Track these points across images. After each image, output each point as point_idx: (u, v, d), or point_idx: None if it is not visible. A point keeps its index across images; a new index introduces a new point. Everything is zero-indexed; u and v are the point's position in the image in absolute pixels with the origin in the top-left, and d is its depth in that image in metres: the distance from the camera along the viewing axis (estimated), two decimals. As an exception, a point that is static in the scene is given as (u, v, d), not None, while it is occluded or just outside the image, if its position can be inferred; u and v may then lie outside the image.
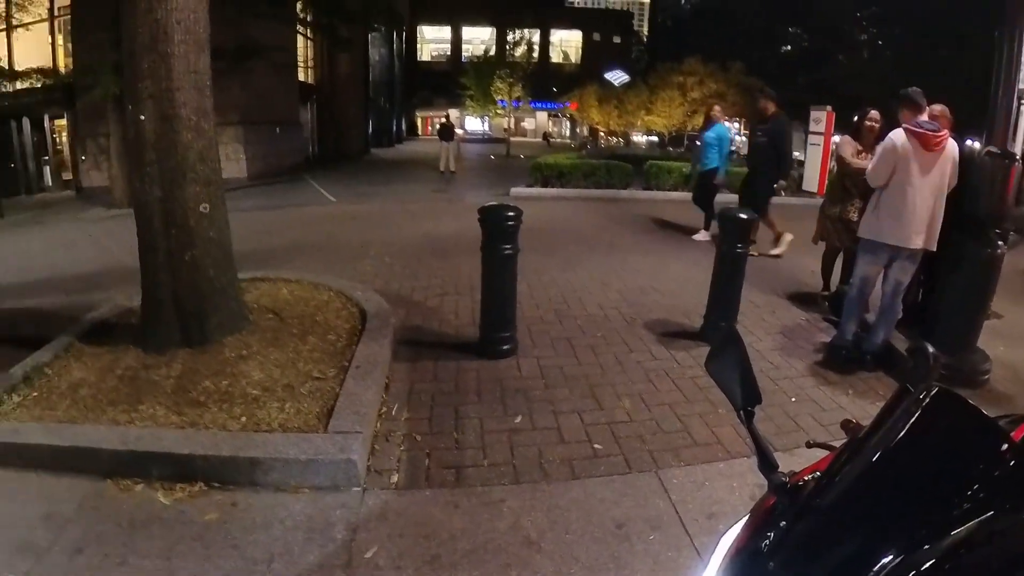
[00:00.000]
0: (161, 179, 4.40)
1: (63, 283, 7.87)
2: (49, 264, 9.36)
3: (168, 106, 4.31)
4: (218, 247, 4.68)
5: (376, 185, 18.31)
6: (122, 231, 9.83)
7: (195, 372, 4.18)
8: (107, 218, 13.65)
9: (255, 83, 18.94)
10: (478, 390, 4.12)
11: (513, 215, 4.38)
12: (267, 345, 4.52)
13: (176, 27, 4.24)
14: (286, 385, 3.93)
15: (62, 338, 4.99)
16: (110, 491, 3.21)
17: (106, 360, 4.52)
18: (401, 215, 11.30)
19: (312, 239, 9.38)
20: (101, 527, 2.95)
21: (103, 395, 3.98)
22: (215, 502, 3.07)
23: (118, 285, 6.85)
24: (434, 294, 6.13)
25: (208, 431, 3.45)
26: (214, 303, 4.63)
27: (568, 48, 61.16)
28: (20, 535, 2.94)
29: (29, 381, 4.31)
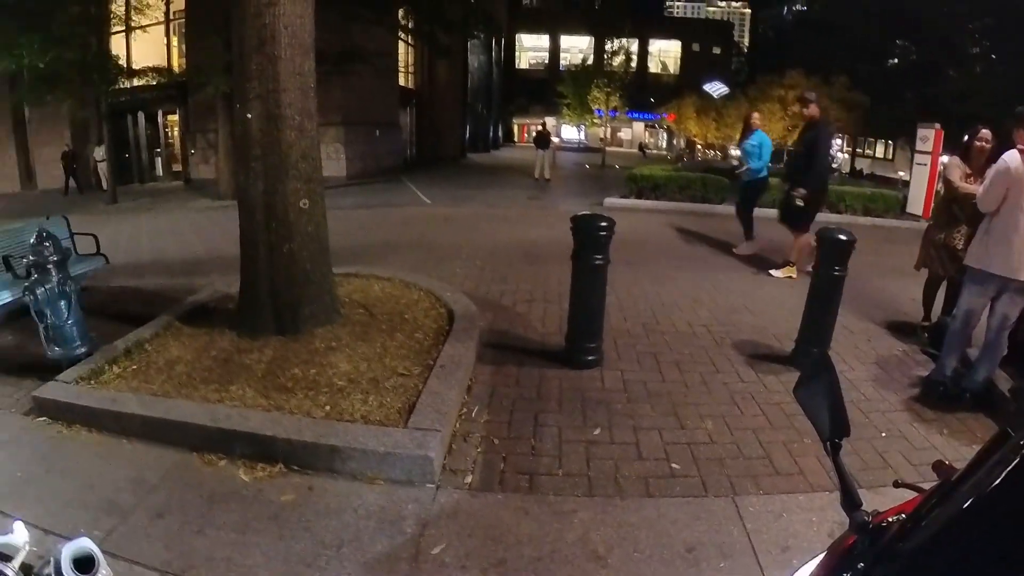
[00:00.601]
0: (265, 174, 4.70)
1: (168, 266, 8.51)
2: (156, 248, 10.13)
3: (274, 106, 4.60)
4: (315, 241, 4.93)
5: (471, 189, 18.69)
6: (225, 221, 10.51)
7: (285, 359, 4.41)
8: (212, 208, 14.58)
9: (357, 86, 19.77)
10: (559, 399, 4.14)
11: (605, 225, 4.39)
12: (356, 339, 4.71)
13: (283, 31, 4.52)
14: (371, 378, 4.08)
15: (163, 317, 5.41)
16: (195, 464, 3.45)
17: (202, 341, 4.87)
18: (494, 220, 11.49)
19: (406, 239, 9.69)
20: (183, 496, 3.17)
21: (197, 373, 4.28)
22: (293, 484, 3.22)
23: (218, 271, 7.35)
24: (522, 300, 6.20)
25: (293, 416, 3.62)
26: (308, 295, 4.89)
27: (666, 58, 60.50)
28: (108, 496, 3.21)
29: (130, 355, 4.71)
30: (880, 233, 11.02)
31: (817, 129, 7.36)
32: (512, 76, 56.50)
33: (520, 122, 60.66)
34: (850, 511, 1.28)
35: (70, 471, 3.51)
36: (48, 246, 4.80)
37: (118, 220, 13.73)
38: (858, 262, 4.99)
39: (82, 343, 4.92)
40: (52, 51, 15.49)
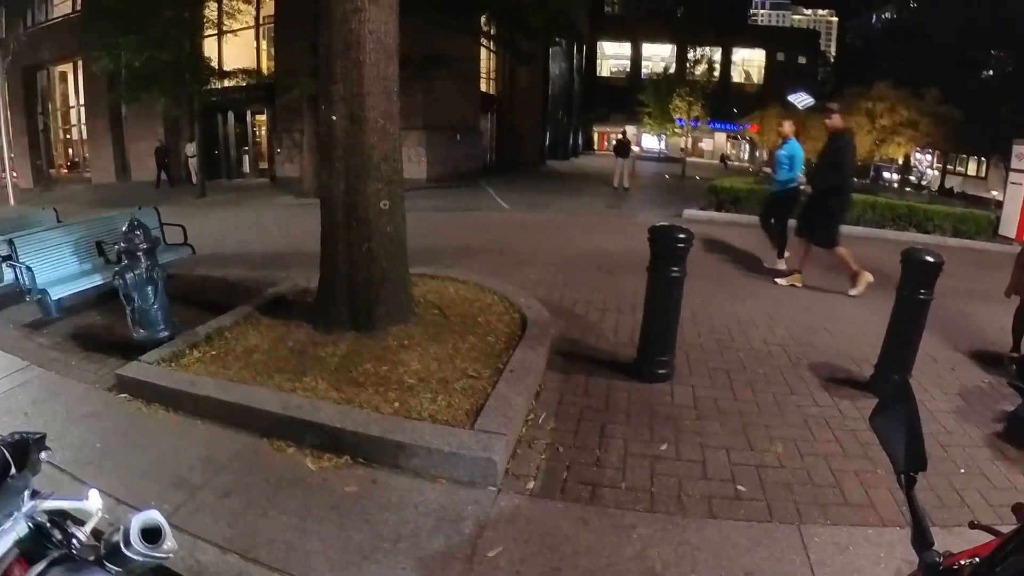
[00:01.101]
0: (347, 175, 4.91)
1: (250, 259, 8.93)
2: (240, 241, 10.64)
3: (358, 108, 4.80)
4: (393, 241, 5.11)
5: (549, 196, 18.77)
6: (307, 218, 10.91)
7: (358, 354, 4.58)
8: (295, 206, 15.15)
9: (439, 91, 20.23)
10: (628, 411, 4.13)
11: (683, 237, 4.36)
12: (428, 338, 4.83)
13: (368, 37, 4.71)
14: (441, 379, 4.18)
15: (244, 307, 5.74)
16: (264, 449, 3.63)
17: (280, 332, 5.12)
18: (571, 227, 11.52)
19: (483, 243, 9.84)
20: (250, 479, 3.34)
21: (272, 363, 4.51)
22: (357, 476, 3.34)
23: (299, 266, 7.66)
24: (595, 309, 6.20)
25: (362, 410, 3.75)
26: (384, 293, 5.06)
27: (750, 67, 59.53)
28: (180, 472, 3.43)
29: (210, 341, 5.01)
30: (970, 256, 10.48)
31: (841, 140, 7.26)
32: (593, 84, 56.49)
33: (600, 130, 60.65)
34: (921, 550, 1.26)
35: (145, 446, 3.77)
36: (139, 234, 5.16)
37: (206, 213, 14.48)
38: (945, 286, 4.78)
39: (165, 327, 5.26)
40: (148, 52, 16.73)
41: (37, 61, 29.47)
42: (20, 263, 6.82)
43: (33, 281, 6.76)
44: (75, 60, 28.12)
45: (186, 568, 2.71)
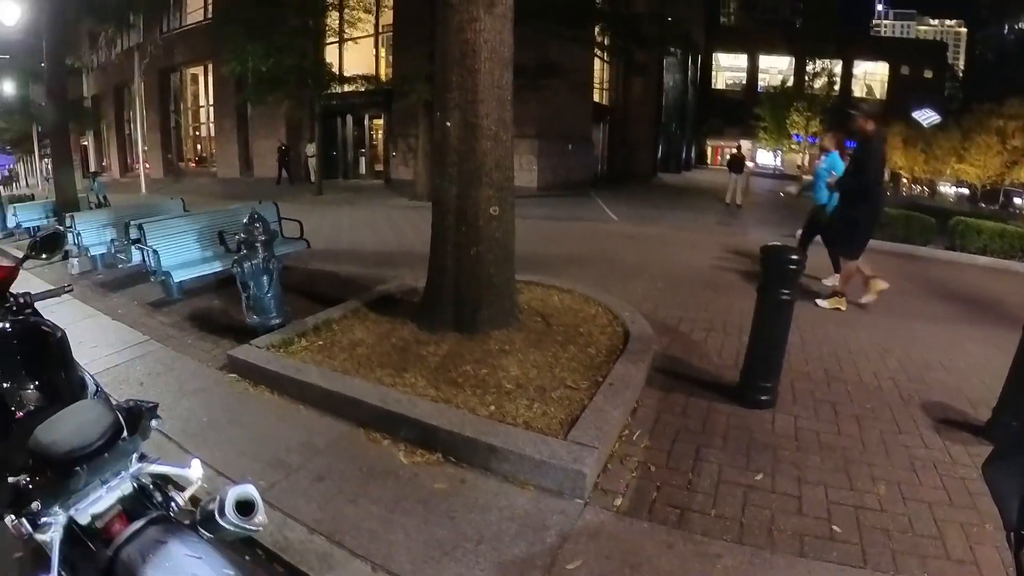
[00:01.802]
0: (459, 180, 5.10)
1: (362, 256, 9.36)
2: (353, 239, 11.15)
3: (472, 115, 4.98)
4: (501, 247, 5.25)
5: (659, 209, 18.55)
6: (419, 220, 11.29)
7: (459, 356, 4.74)
8: (407, 208, 15.67)
9: (552, 100, 20.47)
10: (725, 436, 4.05)
11: (796, 259, 4.25)
12: (529, 345, 4.92)
13: (483, 46, 4.88)
14: (538, 386, 4.24)
15: (352, 302, 6.07)
16: (360, 439, 3.82)
17: (385, 328, 5.39)
18: (680, 242, 11.36)
19: (590, 253, 9.88)
20: (344, 466, 3.52)
21: (376, 357, 4.74)
22: (447, 474, 3.44)
23: (407, 266, 7.98)
24: (700, 328, 6.10)
25: (458, 410, 3.87)
26: (489, 297, 5.21)
27: (872, 81, 56.59)
28: (278, 453, 3.67)
29: (318, 331, 5.33)
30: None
31: (867, 145, 6.80)
32: (707, 96, 55.23)
33: (714, 144, 59.28)
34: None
35: (248, 424, 4.05)
36: (258, 227, 5.58)
37: (322, 210, 15.26)
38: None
39: (277, 315, 5.66)
40: (274, 58, 18.23)
41: (171, 64, 32.69)
42: (148, 246, 7.47)
43: (158, 264, 7.38)
44: (206, 63, 30.93)
45: (273, 543, 2.89)
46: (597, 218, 15.80)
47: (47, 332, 2.37)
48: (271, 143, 26.83)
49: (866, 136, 6.82)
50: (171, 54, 31.84)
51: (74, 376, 2.35)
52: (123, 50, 33.60)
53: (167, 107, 34.73)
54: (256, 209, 6.10)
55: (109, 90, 37.76)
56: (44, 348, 2.30)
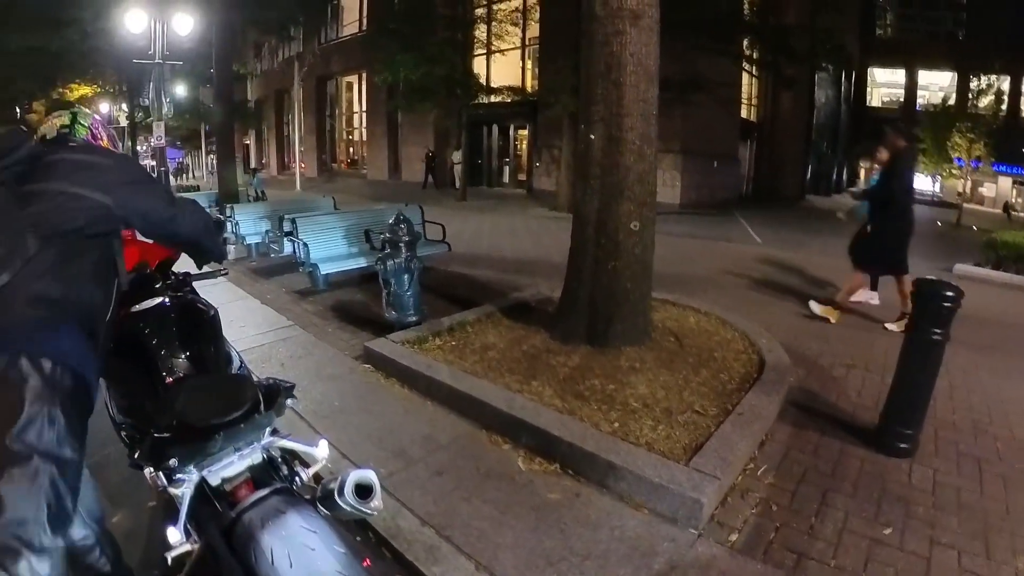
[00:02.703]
0: (601, 193, 5.14)
1: (500, 263, 9.59)
2: (493, 245, 11.42)
3: (615, 129, 5.00)
4: (639, 263, 5.23)
5: (808, 233, 17.55)
6: (558, 231, 11.43)
7: (588, 369, 4.77)
8: (548, 218, 15.84)
9: (698, 115, 20.16)
10: (856, 482, 3.81)
11: (951, 296, 3.94)
12: (660, 365, 4.87)
13: (629, 59, 4.89)
14: (665, 408, 4.19)
15: (487, 306, 6.27)
16: (482, 440, 3.94)
17: (517, 334, 5.52)
18: (826, 270, 10.71)
19: (730, 276, 9.61)
20: (463, 464, 3.64)
21: (505, 363, 4.86)
22: (562, 486, 3.47)
23: (543, 275, 8.10)
24: (841, 363, 5.76)
25: (581, 423, 3.89)
26: (623, 312, 5.20)
27: None
28: (402, 444, 3.86)
29: (452, 332, 5.55)
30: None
31: (896, 162, 6.72)
32: (862, 114, 51.13)
33: (867, 165, 55.31)
34: None
35: (377, 414, 4.28)
36: (403, 228, 5.89)
37: (464, 216, 15.74)
38: None
39: (415, 313, 5.95)
40: (424, 68, 19.15)
41: (328, 72, 35.43)
42: (299, 239, 8.01)
43: (307, 255, 7.90)
44: (360, 72, 33.10)
45: (384, 528, 3.04)
46: (740, 239, 15.31)
47: (202, 309, 2.61)
48: (419, 149, 28.13)
49: (896, 153, 6.82)
50: (328, 63, 34.52)
51: (222, 351, 2.57)
52: (284, 59, 36.84)
53: (323, 112, 37.38)
54: (402, 211, 6.44)
55: (271, 95, 41.51)
56: (198, 324, 2.52)
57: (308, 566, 1.69)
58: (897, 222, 6.82)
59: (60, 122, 2.26)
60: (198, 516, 1.93)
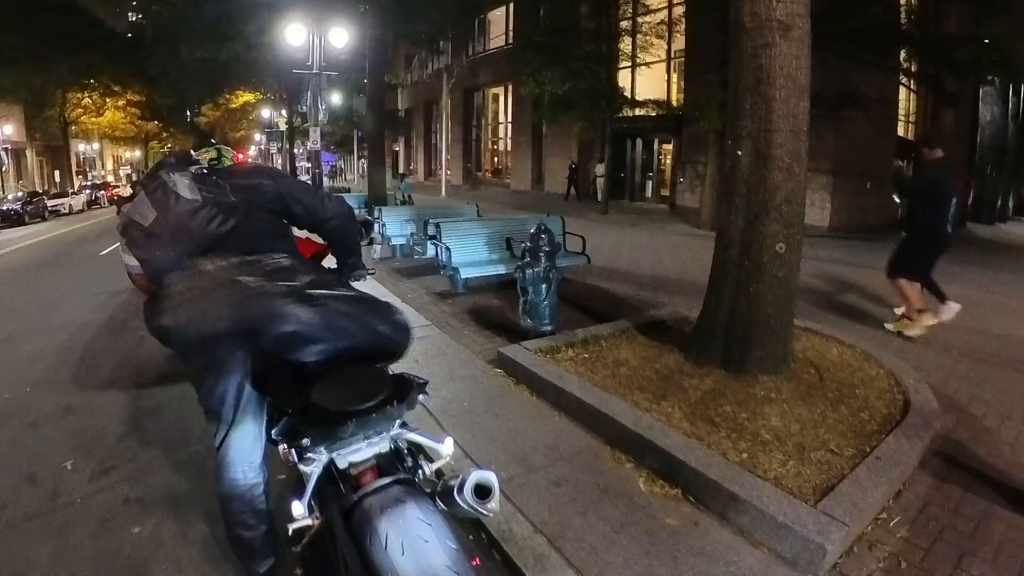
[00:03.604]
0: (746, 212, 4.96)
1: (638, 278, 9.49)
2: (632, 260, 11.33)
3: (763, 145, 4.81)
4: (783, 287, 4.99)
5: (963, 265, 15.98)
6: (699, 250, 11.20)
7: (721, 394, 4.62)
8: (690, 235, 15.50)
9: (851, 132, 18.93)
10: (999, 548, 3.42)
11: None
12: (796, 397, 4.65)
13: (778, 72, 4.69)
14: (798, 443, 3.99)
15: (622, 321, 6.24)
16: (605, 455, 3.91)
17: (650, 353, 5.43)
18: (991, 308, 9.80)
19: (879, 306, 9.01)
20: (582, 478, 3.63)
21: (636, 380, 4.80)
22: (681, 512, 3.38)
23: (681, 294, 7.98)
24: (996, 413, 5.22)
25: (708, 450, 3.77)
26: (762, 338, 4.98)
27: None
28: (524, 450, 3.91)
29: (585, 344, 5.55)
30: None
31: (926, 172, 7.02)
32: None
33: None
34: None
35: (503, 418, 4.37)
36: (544, 238, 5.97)
37: (605, 229, 15.71)
38: None
39: (550, 322, 6.03)
40: (569, 81, 19.31)
41: (475, 83, 36.67)
42: (442, 243, 8.29)
43: (449, 259, 8.16)
44: (506, 84, 33.89)
45: (497, 531, 3.09)
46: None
47: None
48: (562, 160, 28.32)
49: (929, 163, 6.85)
50: (475, 75, 35.72)
51: None
52: (433, 71, 38.40)
53: (469, 122, 38.61)
54: (544, 221, 6.50)
55: (420, 104, 43.63)
56: None
57: (419, 556, 1.75)
58: (923, 232, 7.00)
59: (208, 156, 2.80)
60: (322, 494, 2.05)
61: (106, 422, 5.05)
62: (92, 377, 6.21)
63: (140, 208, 2.43)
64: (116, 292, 10.35)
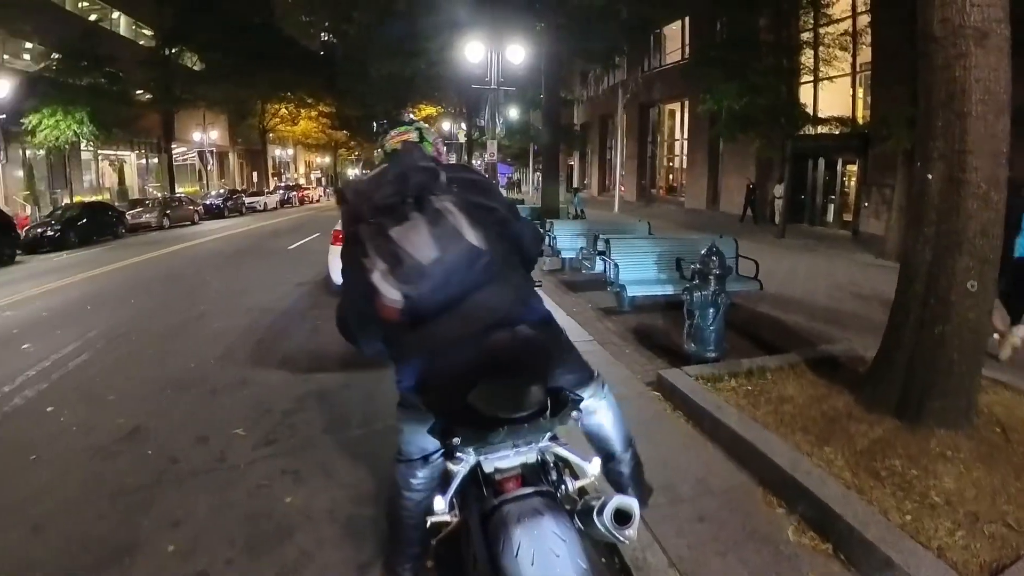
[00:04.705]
0: (935, 243, 4.45)
1: (811, 308, 8.93)
2: (807, 288, 10.68)
3: (957, 169, 4.28)
4: (971, 331, 4.47)
5: None
6: (882, 282, 10.38)
7: (890, 445, 4.19)
8: (872, 266, 14.40)
9: None
10: None
11: None
12: (976, 458, 4.13)
13: (974, 86, 4.15)
14: (971, 512, 3.55)
15: (791, 355, 5.83)
16: (755, 496, 3.68)
17: (819, 392, 4.99)
18: None
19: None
20: (728, 517, 3.45)
21: (800, 420, 4.46)
22: (829, 570, 3.11)
23: (858, 329, 7.41)
24: None
25: (869, 506, 3.43)
26: (944, 387, 4.48)
27: None
28: (672, 479, 3.79)
29: (750, 376, 5.26)
30: None
31: None
32: None
33: None
34: None
35: (655, 443, 4.25)
36: (715, 260, 5.76)
37: (780, 254, 14.95)
38: None
39: (715, 349, 5.81)
40: (747, 97, 18.26)
41: (650, 99, 35.93)
42: (611, 259, 8.27)
43: (617, 276, 8.13)
44: (682, 100, 32.88)
45: (631, 558, 3.03)
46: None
47: None
48: (739, 180, 27.04)
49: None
50: (651, 90, 35.13)
51: None
52: (609, 86, 38.29)
53: (645, 138, 38.01)
54: (716, 243, 6.30)
55: (595, 119, 43.53)
56: None
57: (547, 569, 1.77)
58: None
59: (409, 137, 2.64)
60: (465, 494, 2.11)
61: (275, 398, 5.62)
62: (268, 357, 6.93)
63: (417, 240, 2.06)
64: (299, 283, 11.30)
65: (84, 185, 33.17)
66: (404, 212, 2.08)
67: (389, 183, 2.16)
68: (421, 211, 2.09)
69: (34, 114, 25.25)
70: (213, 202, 35.63)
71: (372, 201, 2.13)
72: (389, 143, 2.65)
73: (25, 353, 7.33)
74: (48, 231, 20.72)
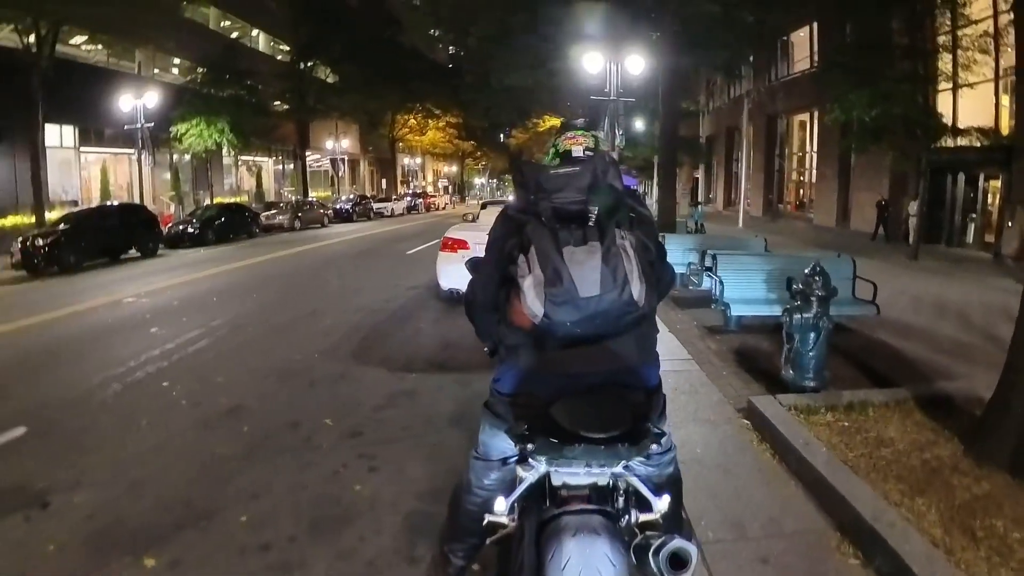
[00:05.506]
0: None
1: (935, 338, 8.10)
2: (934, 315, 9.65)
3: None
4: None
5: None
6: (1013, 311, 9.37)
7: (996, 503, 3.70)
8: (1013, 293, 13.15)
9: None
10: None
11: None
12: (1095, 527, 3.64)
13: None
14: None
15: (901, 390, 5.33)
16: (829, 544, 3.35)
17: (923, 436, 4.49)
18: None
19: None
20: (795, 562, 3.20)
21: (895, 467, 4.02)
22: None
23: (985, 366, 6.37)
24: None
25: (955, 569, 3.03)
26: None
27: None
28: (742, 515, 3.56)
29: (849, 411, 4.84)
30: None
31: None
32: None
33: None
34: None
35: (732, 474, 4.04)
36: (818, 280, 5.36)
37: (910, 276, 13.89)
38: None
39: (814, 377, 5.40)
40: (879, 106, 16.76)
41: (777, 110, 34.19)
42: (716, 276, 7.95)
43: (721, 293, 7.80)
44: (811, 111, 30.96)
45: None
46: None
47: None
48: (871, 196, 25.10)
49: None
50: (778, 101, 33.42)
51: None
52: (734, 96, 37.07)
53: (772, 150, 36.12)
54: (822, 262, 5.84)
55: (721, 131, 42.20)
56: None
57: None
58: None
59: (587, 143, 2.53)
60: (527, 501, 2.10)
61: (368, 394, 5.91)
62: (368, 355, 7.29)
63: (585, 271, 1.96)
64: (411, 287, 11.64)
65: (224, 188, 36.34)
66: (584, 232, 2.00)
67: (576, 188, 2.09)
68: (602, 239, 1.99)
69: (180, 123, 27.71)
70: (343, 206, 37.81)
71: (551, 198, 2.07)
72: (563, 143, 2.57)
73: (153, 336, 8.34)
74: (188, 228, 22.93)
